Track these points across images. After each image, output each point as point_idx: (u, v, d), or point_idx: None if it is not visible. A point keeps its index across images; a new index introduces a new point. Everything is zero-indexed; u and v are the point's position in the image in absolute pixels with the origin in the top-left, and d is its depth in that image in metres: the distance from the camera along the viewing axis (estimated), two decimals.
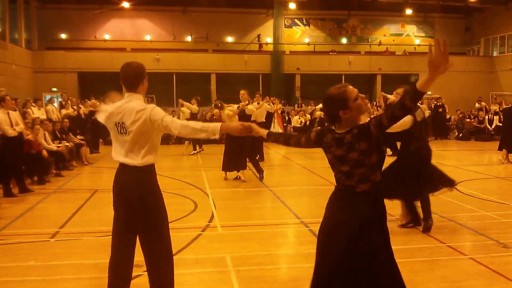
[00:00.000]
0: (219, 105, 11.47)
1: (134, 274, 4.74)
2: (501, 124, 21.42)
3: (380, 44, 33.74)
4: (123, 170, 3.88)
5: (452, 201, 8.68)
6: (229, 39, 32.38)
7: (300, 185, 11.16)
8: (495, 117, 21.25)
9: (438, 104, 22.55)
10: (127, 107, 3.85)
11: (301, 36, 33.42)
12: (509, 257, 5.83)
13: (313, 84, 29.46)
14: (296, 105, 25.31)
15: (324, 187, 10.09)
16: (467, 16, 35.35)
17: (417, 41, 34.84)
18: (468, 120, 22.40)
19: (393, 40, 34.38)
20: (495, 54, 33.94)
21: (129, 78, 3.95)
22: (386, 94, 17.96)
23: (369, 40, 34.33)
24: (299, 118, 22.46)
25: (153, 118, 3.77)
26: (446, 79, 30.72)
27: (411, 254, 5.90)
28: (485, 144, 19.89)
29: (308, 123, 22.11)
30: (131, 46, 29.73)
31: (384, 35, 34.56)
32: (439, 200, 8.59)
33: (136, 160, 3.82)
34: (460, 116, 22.77)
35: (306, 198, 9.67)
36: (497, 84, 31.96)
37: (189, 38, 31.73)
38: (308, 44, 32.92)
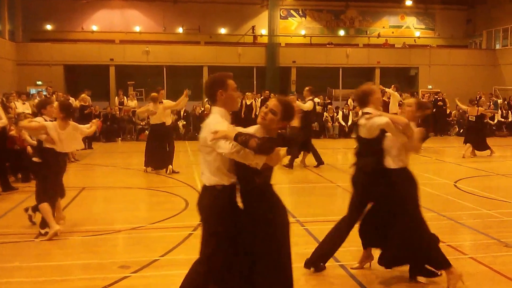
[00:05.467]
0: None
1: (121, 275, 5.14)
2: (503, 120, 20.51)
3: (379, 36, 32.84)
4: None
5: (451, 199, 8.74)
6: (222, 30, 31.45)
7: (294, 183, 10.77)
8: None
9: (438, 98, 21.61)
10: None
11: (297, 27, 32.48)
12: (510, 256, 5.76)
13: (310, 77, 28.53)
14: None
15: (320, 185, 10.11)
16: (469, 8, 34.42)
17: (417, 34, 33.96)
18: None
19: (392, 32, 33.47)
20: (497, 47, 32.93)
21: (206, 90, 3.86)
22: (384, 88, 17.13)
23: (368, 32, 33.44)
24: None
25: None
26: (447, 73, 29.84)
27: None
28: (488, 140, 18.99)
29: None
30: (120, 37, 28.70)
31: (383, 27, 33.67)
32: (438, 198, 8.85)
33: None
34: (461, 111, 21.79)
35: (299, 196, 9.44)
36: (500, 78, 30.98)
37: (180, 30, 30.74)
38: (304, 36, 32.03)
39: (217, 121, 3.67)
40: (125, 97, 21.71)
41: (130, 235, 6.77)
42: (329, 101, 23.84)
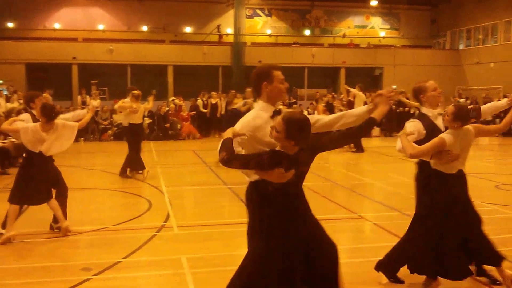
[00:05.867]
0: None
1: (83, 278, 5.03)
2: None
3: (344, 36, 33.09)
4: None
5: (414, 197, 8.26)
6: (188, 29, 31.09)
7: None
8: None
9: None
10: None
11: (262, 27, 32.44)
12: None
13: None
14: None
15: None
16: (433, 8, 35.01)
17: (382, 34, 34.33)
18: None
19: (357, 32, 33.76)
20: (461, 47, 33.64)
21: (251, 83, 3.71)
22: (349, 88, 17.26)
23: (333, 32, 33.64)
24: None
25: None
26: (411, 73, 30.25)
27: (375, 253, 5.58)
28: None
29: None
30: (83, 36, 28.09)
31: (349, 27, 33.93)
32: (400, 197, 8.84)
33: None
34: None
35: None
36: (464, 78, 31.65)
37: (144, 28, 30.26)
38: (270, 35, 32.00)
39: (246, 119, 3.52)
40: (88, 96, 21.26)
41: (93, 237, 6.59)
42: (294, 100, 23.87)
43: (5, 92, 19.11)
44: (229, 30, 30.47)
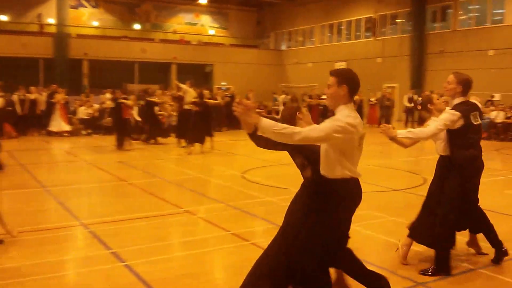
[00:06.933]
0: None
1: None
2: None
3: (175, 32, 33.06)
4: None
5: (239, 189, 8.98)
6: (4, 18, 28.46)
7: (84, 183, 9.95)
8: (281, 108, 21.97)
9: (228, 95, 22.55)
10: None
11: (89, 18, 31.05)
12: None
13: (104, 71, 27.54)
14: (83, 94, 23.02)
15: (111, 183, 9.67)
16: (259, 10, 36.61)
17: (212, 32, 34.99)
18: (258, 110, 22.80)
19: (188, 29, 34.01)
20: (283, 48, 35.72)
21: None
22: (179, 83, 17.20)
23: (164, 28, 33.43)
24: (86, 109, 20.29)
25: None
26: (239, 71, 31.37)
27: (197, 245, 5.78)
28: None
29: (98, 114, 20.10)
30: None
31: (179, 24, 33.98)
32: (226, 189, 9.14)
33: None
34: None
35: (89, 197, 8.71)
36: (286, 76, 33.67)
37: None
38: (97, 27, 30.68)
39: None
40: None
41: None
42: (125, 96, 23.13)
43: None
44: (51, 20, 28.49)
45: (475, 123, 4.80)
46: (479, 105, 5.03)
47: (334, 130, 3.45)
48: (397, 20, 28.13)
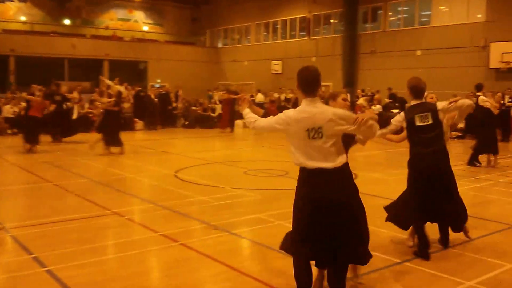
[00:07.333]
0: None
1: None
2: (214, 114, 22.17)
3: (107, 28, 32.24)
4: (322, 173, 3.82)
5: (170, 188, 8.82)
6: None
7: (7, 185, 9.45)
8: (217, 106, 22.02)
9: (162, 92, 22.11)
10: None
11: (16, 13, 29.70)
12: (218, 238, 5.94)
13: (32, 67, 26.39)
14: (9, 91, 21.99)
15: (36, 185, 9.28)
16: (195, 7, 36.33)
17: (146, 28, 34.41)
18: (194, 108, 22.59)
19: (121, 25, 33.26)
20: (220, 45, 35.62)
21: (316, 82, 3.89)
22: (105, 79, 16.78)
23: (95, 24, 32.52)
24: (12, 107, 19.35)
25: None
26: (175, 68, 30.99)
27: (125, 248, 5.62)
28: (209, 131, 20.65)
29: (23, 112, 19.16)
30: None
31: (112, 19, 33.16)
32: (157, 189, 9.04)
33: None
34: (186, 104, 22.88)
35: (12, 200, 8.29)
36: (223, 74, 33.60)
37: None
38: (25, 22, 29.40)
39: (342, 109, 4.04)
40: None
41: None
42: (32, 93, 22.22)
43: None
44: None
45: (420, 123, 5.27)
46: (440, 104, 5.38)
47: (276, 122, 3.88)
48: (330, 20, 28.68)
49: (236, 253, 5.54)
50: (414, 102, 5.39)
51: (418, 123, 5.26)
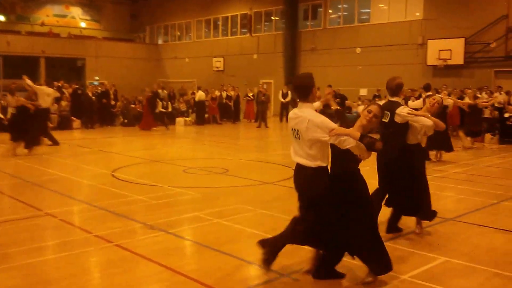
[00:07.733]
0: None
1: None
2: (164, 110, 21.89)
3: (43, 24, 31.13)
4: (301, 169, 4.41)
5: (106, 188, 8.66)
6: None
7: None
8: (160, 102, 21.69)
9: (100, 90, 21.45)
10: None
11: None
12: (154, 238, 5.85)
13: None
14: None
15: None
16: (133, 3, 35.70)
17: (83, 24, 33.49)
18: (133, 106, 22.13)
19: (57, 22, 32.21)
20: (160, 42, 35.15)
21: (301, 86, 4.39)
22: (27, 79, 16.10)
23: (31, 20, 31.34)
24: None
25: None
26: (113, 65, 30.32)
27: (56, 250, 5.46)
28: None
29: None
30: None
31: (47, 16, 32.05)
32: (92, 188, 8.83)
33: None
34: (125, 102, 22.42)
35: None
36: (163, 71, 33.17)
37: None
38: None
39: (322, 118, 4.23)
40: None
41: None
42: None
43: None
44: None
45: (383, 120, 5.75)
46: (402, 109, 5.78)
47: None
48: (272, 18, 28.84)
49: (172, 252, 5.41)
50: (390, 99, 5.97)
51: (383, 119, 5.71)
